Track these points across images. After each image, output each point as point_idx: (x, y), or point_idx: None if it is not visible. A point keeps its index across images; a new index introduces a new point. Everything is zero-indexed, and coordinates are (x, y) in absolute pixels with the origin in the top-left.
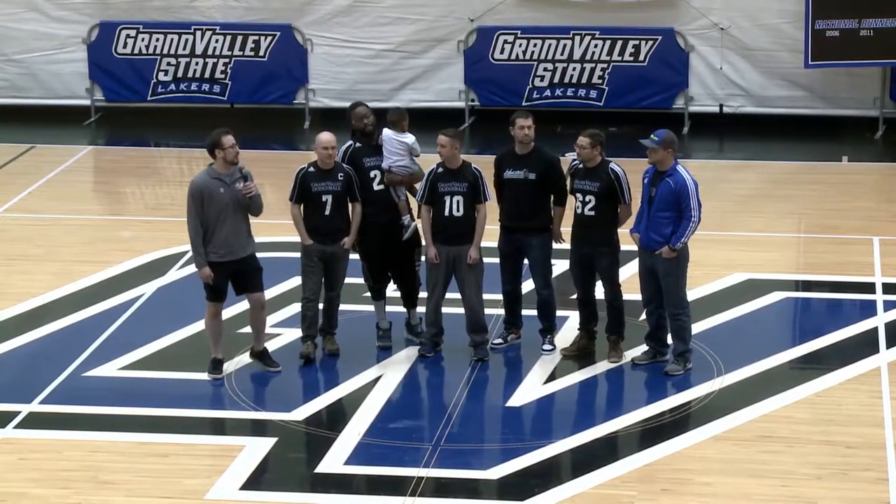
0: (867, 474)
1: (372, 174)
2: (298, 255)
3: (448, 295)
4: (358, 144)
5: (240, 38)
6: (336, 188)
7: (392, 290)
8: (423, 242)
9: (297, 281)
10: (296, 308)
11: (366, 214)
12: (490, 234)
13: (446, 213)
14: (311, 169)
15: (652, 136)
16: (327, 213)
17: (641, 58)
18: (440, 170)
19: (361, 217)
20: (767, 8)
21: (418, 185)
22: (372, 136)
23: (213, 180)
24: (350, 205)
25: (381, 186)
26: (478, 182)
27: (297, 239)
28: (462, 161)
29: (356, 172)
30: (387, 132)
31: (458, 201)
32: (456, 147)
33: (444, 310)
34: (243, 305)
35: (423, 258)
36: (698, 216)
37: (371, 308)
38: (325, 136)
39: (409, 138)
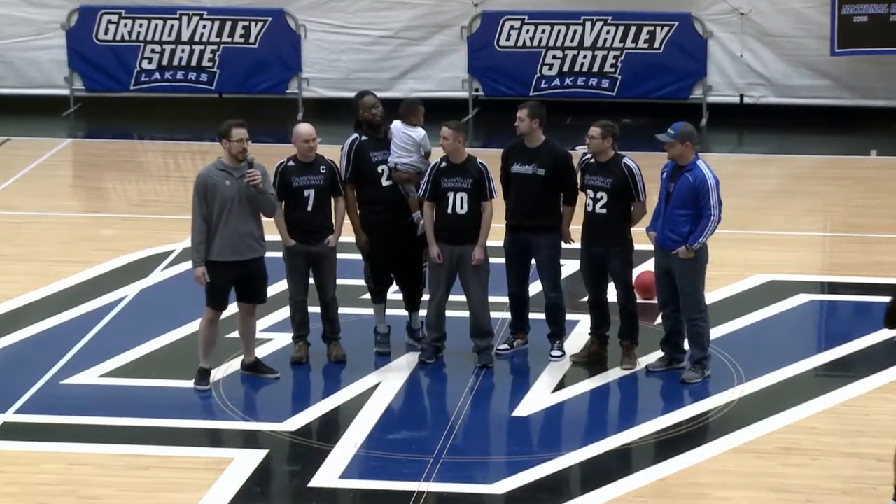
0: None
1: (380, 169)
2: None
3: (451, 297)
4: (364, 138)
5: (228, 24)
6: (318, 182)
7: (393, 292)
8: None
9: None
10: (287, 312)
11: (371, 212)
12: (496, 233)
13: (449, 210)
14: (291, 163)
15: (668, 129)
16: (310, 208)
17: (656, 45)
18: (443, 164)
19: (366, 215)
20: None
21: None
22: (380, 129)
23: (218, 172)
24: (333, 200)
25: (389, 182)
26: (483, 178)
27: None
28: (467, 155)
29: (363, 167)
30: (396, 125)
31: (461, 198)
32: (459, 140)
33: (447, 313)
34: (231, 308)
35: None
36: (718, 215)
37: (369, 311)
38: (305, 128)
39: (419, 133)
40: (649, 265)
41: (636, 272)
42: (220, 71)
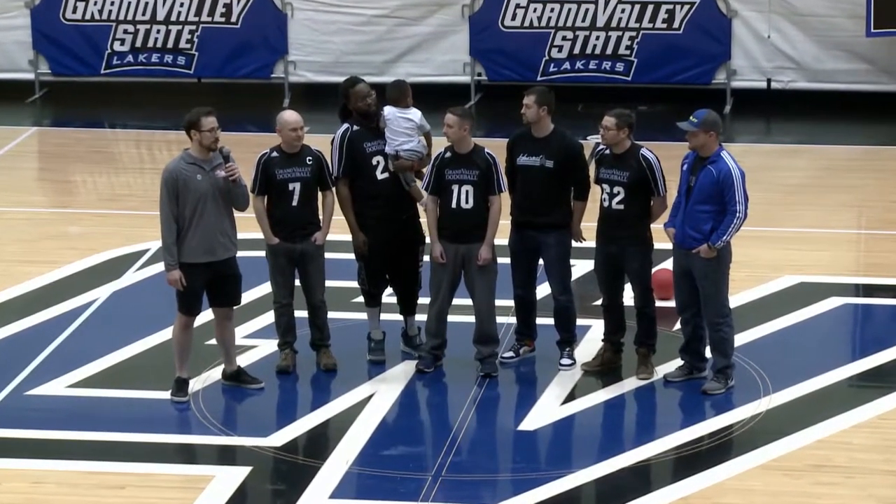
0: None
1: (374, 161)
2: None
3: (452, 301)
4: (356, 128)
5: (208, 2)
6: (304, 174)
7: (387, 295)
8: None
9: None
10: (272, 316)
11: (366, 208)
12: (502, 231)
13: (453, 204)
14: (275, 154)
15: (691, 117)
16: (295, 203)
17: (676, 25)
18: (447, 154)
19: (361, 212)
20: None
21: (425, 171)
22: (373, 118)
23: (189, 166)
24: (320, 194)
25: (386, 175)
26: (490, 170)
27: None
28: (473, 145)
29: (357, 160)
30: (390, 110)
31: (467, 191)
32: (465, 128)
33: (448, 318)
34: (209, 313)
35: (426, 258)
36: (744, 211)
37: (361, 316)
38: (292, 116)
39: (416, 114)
40: (669, 264)
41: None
42: (199, 53)
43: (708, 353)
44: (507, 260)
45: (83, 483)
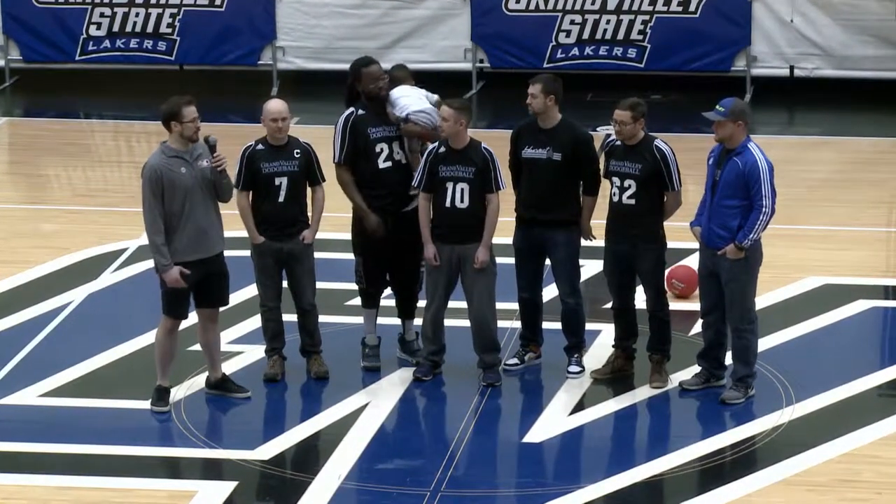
0: None
1: (378, 148)
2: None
3: (451, 304)
4: (362, 111)
5: None
6: (292, 168)
7: (385, 296)
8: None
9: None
10: (259, 320)
11: (367, 198)
12: (505, 228)
13: (448, 203)
14: (260, 146)
15: (717, 106)
16: (281, 199)
17: (692, 8)
18: (441, 150)
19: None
20: None
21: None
22: (382, 102)
23: (171, 159)
24: (310, 189)
25: (389, 163)
26: (488, 166)
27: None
28: (469, 140)
29: (359, 145)
30: (400, 87)
31: (462, 189)
32: (461, 122)
33: (447, 322)
34: (193, 317)
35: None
36: (771, 206)
37: (354, 320)
38: (275, 105)
39: (432, 97)
40: (687, 262)
41: (673, 266)
42: (181, 39)
43: (728, 360)
44: (511, 260)
45: (57, 499)
